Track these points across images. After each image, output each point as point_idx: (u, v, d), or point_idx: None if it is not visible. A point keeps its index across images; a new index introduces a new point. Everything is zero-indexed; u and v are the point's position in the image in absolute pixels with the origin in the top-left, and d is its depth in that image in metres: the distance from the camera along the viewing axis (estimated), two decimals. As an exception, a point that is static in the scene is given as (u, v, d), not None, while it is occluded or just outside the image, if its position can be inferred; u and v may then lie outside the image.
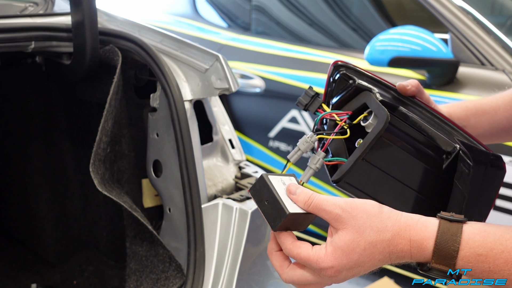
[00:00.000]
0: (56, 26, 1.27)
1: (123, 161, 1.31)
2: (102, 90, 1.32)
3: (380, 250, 0.69)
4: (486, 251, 0.66)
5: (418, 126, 0.86)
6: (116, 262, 1.68)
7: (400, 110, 0.86)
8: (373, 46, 2.21)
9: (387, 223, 0.69)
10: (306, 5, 2.94)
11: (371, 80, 0.88)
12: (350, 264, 0.69)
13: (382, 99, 0.86)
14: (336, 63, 0.90)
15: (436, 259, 0.68)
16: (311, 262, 0.70)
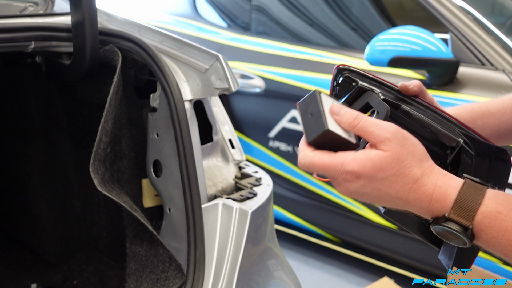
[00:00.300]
0: (56, 26, 1.27)
1: (123, 161, 1.31)
2: (102, 90, 1.32)
3: (404, 182, 0.69)
4: (507, 210, 0.66)
5: (421, 123, 0.87)
6: (116, 262, 1.68)
7: (403, 108, 0.88)
8: (373, 46, 2.21)
9: (423, 164, 0.70)
10: (306, 5, 2.94)
11: (373, 81, 0.90)
12: (372, 178, 0.69)
13: (384, 98, 0.87)
14: (339, 67, 0.92)
15: (455, 210, 0.67)
16: (336, 163, 0.68)
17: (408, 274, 2.53)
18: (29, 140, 1.68)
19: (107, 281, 1.67)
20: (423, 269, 2.48)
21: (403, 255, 2.52)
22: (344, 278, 2.76)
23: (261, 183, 1.26)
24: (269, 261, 1.28)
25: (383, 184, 0.69)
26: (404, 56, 2.15)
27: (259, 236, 1.20)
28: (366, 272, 2.78)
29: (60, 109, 1.64)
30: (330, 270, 2.84)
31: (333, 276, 2.78)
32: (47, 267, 1.76)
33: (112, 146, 1.19)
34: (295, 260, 2.91)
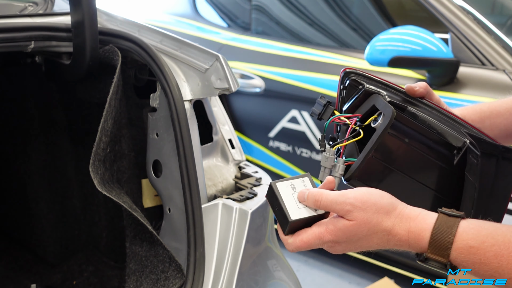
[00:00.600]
0: (56, 26, 1.27)
1: (123, 161, 1.31)
2: (101, 90, 1.32)
3: (379, 237, 0.75)
4: (478, 243, 0.69)
5: (428, 124, 0.88)
6: (116, 262, 1.68)
7: (409, 109, 0.89)
8: (373, 46, 2.21)
9: (391, 215, 0.74)
10: (306, 5, 2.93)
11: (380, 84, 0.92)
12: (349, 242, 0.77)
13: (391, 100, 0.89)
14: (345, 70, 0.93)
15: (431, 250, 0.71)
16: (315, 237, 0.77)
17: (408, 274, 2.53)
18: (29, 140, 1.68)
19: (107, 281, 1.67)
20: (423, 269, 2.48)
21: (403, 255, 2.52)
22: (344, 278, 2.76)
23: (261, 183, 1.26)
24: (269, 261, 1.27)
25: (362, 242, 0.77)
26: (404, 56, 2.14)
27: (259, 236, 1.20)
28: (366, 272, 2.78)
29: (60, 109, 1.64)
30: (330, 270, 2.84)
31: (333, 276, 2.78)
32: (47, 267, 1.76)
33: (112, 146, 1.18)
34: (295, 260, 2.90)
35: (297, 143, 2.67)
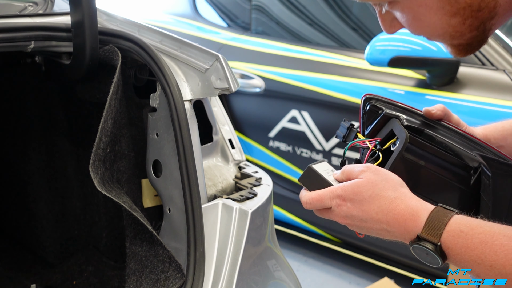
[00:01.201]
0: (56, 26, 1.27)
1: (122, 161, 1.31)
2: (101, 90, 1.32)
3: (381, 203, 0.80)
4: (468, 229, 0.75)
5: (445, 146, 0.91)
6: (116, 262, 1.68)
7: (426, 132, 0.92)
8: (373, 46, 2.21)
9: (397, 189, 0.81)
10: (306, 5, 2.93)
11: (398, 108, 0.96)
12: (353, 200, 0.82)
13: (408, 124, 0.92)
14: (366, 96, 0.99)
15: (426, 229, 0.76)
16: (327, 191, 0.85)
17: (408, 274, 2.53)
18: (28, 140, 1.68)
19: (106, 281, 1.67)
20: (423, 269, 2.48)
21: (403, 255, 2.52)
22: (344, 278, 2.76)
23: (261, 183, 1.26)
24: (269, 261, 1.27)
25: (363, 205, 0.81)
26: (404, 56, 2.14)
27: (259, 236, 1.20)
28: (366, 272, 2.78)
29: (60, 109, 1.64)
30: (330, 270, 2.84)
31: (333, 276, 2.78)
32: (46, 267, 1.76)
33: (112, 146, 1.18)
34: (295, 260, 2.90)
35: (297, 143, 2.67)
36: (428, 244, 0.76)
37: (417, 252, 0.78)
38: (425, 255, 0.78)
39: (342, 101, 2.44)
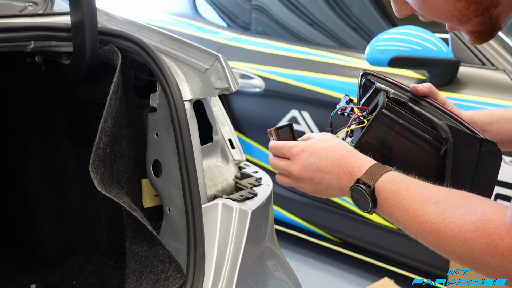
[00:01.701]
0: (56, 26, 1.27)
1: (122, 161, 1.31)
2: (101, 90, 1.32)
3: (337, 152, 0.94)
4: (399, 179, 0.87)
5: (422, 117, 1.01)
6: (116, 262, 1.68)
7: (409, 105, 1.03)
8: (373, 46, 2.20)
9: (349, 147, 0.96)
10: (306, 5, 2.93)
11: (389, 83, 1.06)
12: (312, 149, 0.96)
13: (393, 97, 1.03)
14: (362, 71, 1.09)
15: (366, 175, 0.89)
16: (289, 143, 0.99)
17: (408, 274, 2.53)
18: (28, 140, 1.68)
19: (106, 281, 1.67)
20: (423, 269, 2.48)
21: (403, 255, 2.52)
22: (344, 278, 2.76)
23: (261, 183, 1.26)
24: (269, 261, 1.27)
25: (321, 154, 0.95)
26: (404, 56, 2.14)
27: (259, 236, 1.19)
28: (366, 272, 2.78)
29: (60, 109, 1.64)
30: (330, 270, 2.84)
31: (333, 276, 2.78)
32: (46, 267, 1.75)
33: (111, 146, 1.18)
34: (295, 260, 2.90)
35: (297, 143, 2.66)
36: (365, 186, 0.88)
37: (354, 195, 0.91)
38: (360, 198, 0.90)
39: (342, 101, 2.44)
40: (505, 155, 2.06)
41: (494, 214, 0.79)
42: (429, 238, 0.84)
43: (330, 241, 2.81)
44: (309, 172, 0.96)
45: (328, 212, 2.71)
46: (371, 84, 1.06)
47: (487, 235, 0.77)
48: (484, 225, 0.78)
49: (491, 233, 0.77)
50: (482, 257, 0.78)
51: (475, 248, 0.78)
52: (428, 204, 0.83)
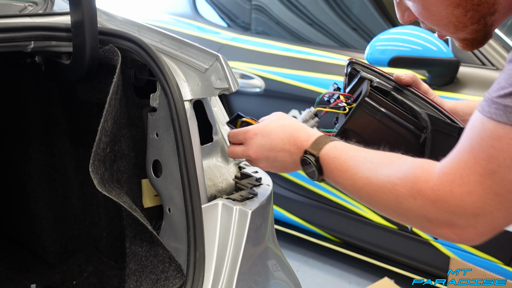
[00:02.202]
0: (56, 26, 1.27)
1: (122, 161, 1.31)
2: (101, 90, 1.32)
3: (286, 130, 1.02)
4: (341, 146, 0.95)
5: (405, 106, 1.05)
6: (116, 262, 1.68)
7: (392, 94, 1.07)
8: (374, 46, 2.21)
9: (299, 123, 1.05)
10: (306, 5, 2.93)
11: (374, 72, 1.10)
12: (264, 132, 1.05)
13: (377, 85, 1.07)
14: (349, 60, 1.14)
15: (312, 146, 0.97)
16: (244, 129, 1.09)
17: (408, 274, 2.53)
18: (28, 140, 1.68)
19: (106, 281, 1.67)
20: (423, 269, 2.48)
21: (403, 255, 2.52)
22: (344, 278, 2.76)
23: (261, 183, 1.26)
24: (269, 261, 1.27)
25: (272, 134, 1.03)
26: (404, 56, 2.14)
27: (259, 236, 1.19)
28: (366, 272, 2.78)
29: (60, 109, 1.64)
30: (330, 270, 2.84)
31: (333, 276, 2.78)
32: (46, 267, 1.75)
33: (111, 146, 1.18)
34: (295, 260, 2.90)
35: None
36: (311, 156, 0.96)
37: (304, 165, 0.98)
38: (308, 167, 0.97)
39: (342, 101, 2.44)
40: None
41: (425, 163, 0.83)
42: (362, 192, 0.90)
43: (330, 241, 2.81)
44: (264, 152, 1.04)
45: (328, 212, 2.71)
46: (357, 73, 1.10)
47: (413, 179, 0.82)
48: (412, 170, 0.83)
49: (418, 177, 0.81)
50: (406, 201, 0.82)
51: (400, 192, 0.83)
52: (364, 163, 0.90)
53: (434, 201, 0.79)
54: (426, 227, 0.82)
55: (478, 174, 0.75)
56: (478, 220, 0.76)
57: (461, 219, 0.77)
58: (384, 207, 0.87)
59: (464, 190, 0.76)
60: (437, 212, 0.79)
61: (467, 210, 0.76)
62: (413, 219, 0.83)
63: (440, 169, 0.80)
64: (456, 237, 0.80)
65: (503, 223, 0.77)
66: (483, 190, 0.75)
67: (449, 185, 0.77)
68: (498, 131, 0.74)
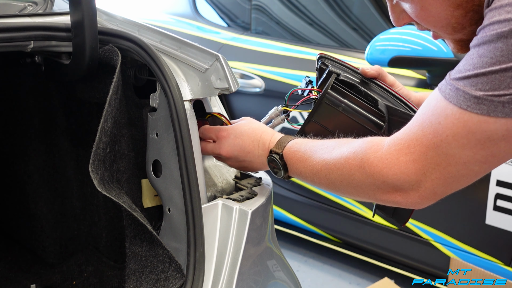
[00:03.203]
0: (56, 26, 1.27)
1: (122, 161, 1.31)
2: (101, 90, 1.32)
3: (255, 133, 1.11)
4: (301, 141, 1.04)
5: (368, 98, 1.10)
6: (116, 262, 1.68)
7: (357, 87, 1.12)
8: (374, 46, 2.21)
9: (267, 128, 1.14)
10: (306, 5, 2.93)
11: (342, 66, 1.16)
12: (235, 133, 1.12)
13: (343, 79, 1.13)
14: (319, 55, 1.19)
15: (276, 145, 1.07)
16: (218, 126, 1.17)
17: (408, 274, 2.53)
18: (28, 140, 1.68)
19: (106, 281, 1.67)
20: (423, 269, 2.48)
21: (403, 255, 2.52)
22: (344, 278, 2.76)
23: (261, 183, 1.26)
24: (269, 261, 1.27)
25: (244, 135, 1.11)
26: (404, 56, 2.14)
27: (259, 236, 1.19)
28: (366, 272, 2.78)
29: (60, 109, 1.64)
30: (330, 270, 2.84)
31: (333, 276, 2.78)
32: (46, 267, 1.75)
33: (111, 146, 1.18)
34: (295, 260, 2.90)
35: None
36: (275, 155, 1.05)
37: (270, 164, 1.08)
38: (274, 167, 1.07)
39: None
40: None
41: (376, 138, 0.92)
42: (321, 175, 0.97)
43: (330, 241, 2.81)
44: (234, 152, 1.12)
45: (328, 212, 2.71)
46: (326, 67, 1.16)
47: (363, 151, 0.90)
48: (363, 145, 0.91)
49: (368, 148, 0.90)
50: (358, 172, 0.90)
51: (352, 165, 0.91)
52: (321, 149, 0.98)
53: (381, 168, 0.87)
54: (376, 194, 0.90)
55: (423, 146, 0.83)
56: (421, 186, 0.85)
57: (406, 184, 0.86)
58: (340, 183, 0.94)
59: (410, 158, 0.84)
60: (385, 178, 0.87)
61: (411, 176, 0.85)
62: (365, 189, 0.91)
63: (390, 140, 0.88)
64: (402, 200, 0.88)
65: (443, 191, 0.86)
66: (426, 160, 0.83)
67: (397, 154, 0.86)
68: (447, 110, 0.81)
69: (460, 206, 2.29)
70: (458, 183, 0.85)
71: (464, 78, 0.78)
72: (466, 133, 0.79)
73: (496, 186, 2.10)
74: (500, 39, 0.75)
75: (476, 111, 0.77)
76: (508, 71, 0.74)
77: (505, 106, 0.75)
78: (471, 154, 0.80)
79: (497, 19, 0.76)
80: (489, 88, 0.76)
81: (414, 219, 2.40)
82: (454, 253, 2.31)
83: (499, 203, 2.12)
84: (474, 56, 0.79)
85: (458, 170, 0.82)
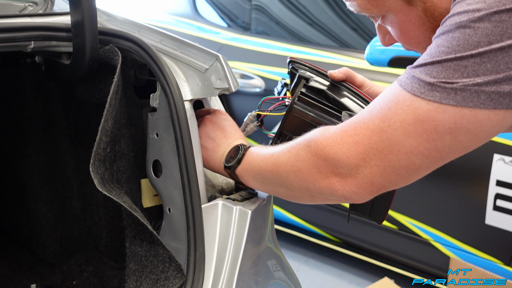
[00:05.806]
0: (56, 26, 1.27)
1: (122, 161, 1.31)
2: (101, 90, 1.32)
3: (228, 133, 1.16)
4: (258, 149, 1.08)
5: (337, 103, 1.11)
6: (116, 262, 1.68)
7: (325, 92, 1.13)
8: (373, 46, 2.21)
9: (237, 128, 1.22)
10: (306, 5, 2.93)
11: (312, 70, 1.18)
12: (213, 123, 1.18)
13: (311, 85, 1.14)
14: (289, 59, 1.21)
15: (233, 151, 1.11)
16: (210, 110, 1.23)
17: (408, 274, 2.53)
18: (28, 140, 1.68)
19: (106, 281, 1.67)
20: (423, 269, 2.48)
21: (403, 255, 2.52)
22: (344, 278, 2.76)
23: (261, 183, 1.26)
24: (269, 261, 1.27)
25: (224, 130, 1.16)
26: (404, 56, 2.14)
27: (259, 236, 1.20)
28: (366, 272, 2.78)
29: (60, 109, 1.64)
30: (330, 270, 2.84)
31: (333, 276, 2.78)
32: (46, 267, 1.76)
33: (112, 146, 1.18)
34: (295, 260, 2.91)
35: (297, 143, 2.66)
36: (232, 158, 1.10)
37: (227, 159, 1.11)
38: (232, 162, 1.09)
39: (342, 101, 2.44)
40: (505, 155, 2.06)
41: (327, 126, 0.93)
42: (272, 169, 0.99)
43: (330, 241, 2.81)
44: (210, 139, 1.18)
45: (328, 212, 2.71)
46: (296, 71, 1.17)
47: (314, 133, 0.92)
48: (312, 133, 0.93)
49: (316, 134, 0.92)
50: (303, 151, 0.92)
51: (300, 145, 0.93)
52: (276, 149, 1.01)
53: (325, 146, 0.88)
54: (316, 180, 0.90)
55: (369, 129, 0.84)
56: (359, 172, 0.85)
57: (344, 167, 0.86)
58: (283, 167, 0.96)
59: (353, 140, 0.85)
60: (326, 156, 0.88)
61: (350, 159, 0.85)
62: (305, 174, 0.92)
63: (339, 125, 0.90)
64: (340, 186, 0.88)
65: (380, 182, 0.85)
66: (369, 144, 0.83)
67: (342, 134, 0.87)
68: (399, 97, 0.81)
69: (460, 206, 2.29)
70: (397, 175, 0.84)
71: (420, 66, 0.79)
72: (414, 120, 0.79)
73: (496, 186, 2.10)
74: (458, 29, 0.76)
75: (429, 98, 0.77)
76: (462, 59, 0.75)
77: (457, 93, 0.76)
78: (415, 144, 0.80)
79: (458, 10, 0.77)
80: (444, 76, 0.76)
81: (414, 219, 2.41)
82: (454, 253, 2.31)
83: (499, 203, 2.12)
84: (432, 46, 0.80)
85: (399, 160, 0.82)
